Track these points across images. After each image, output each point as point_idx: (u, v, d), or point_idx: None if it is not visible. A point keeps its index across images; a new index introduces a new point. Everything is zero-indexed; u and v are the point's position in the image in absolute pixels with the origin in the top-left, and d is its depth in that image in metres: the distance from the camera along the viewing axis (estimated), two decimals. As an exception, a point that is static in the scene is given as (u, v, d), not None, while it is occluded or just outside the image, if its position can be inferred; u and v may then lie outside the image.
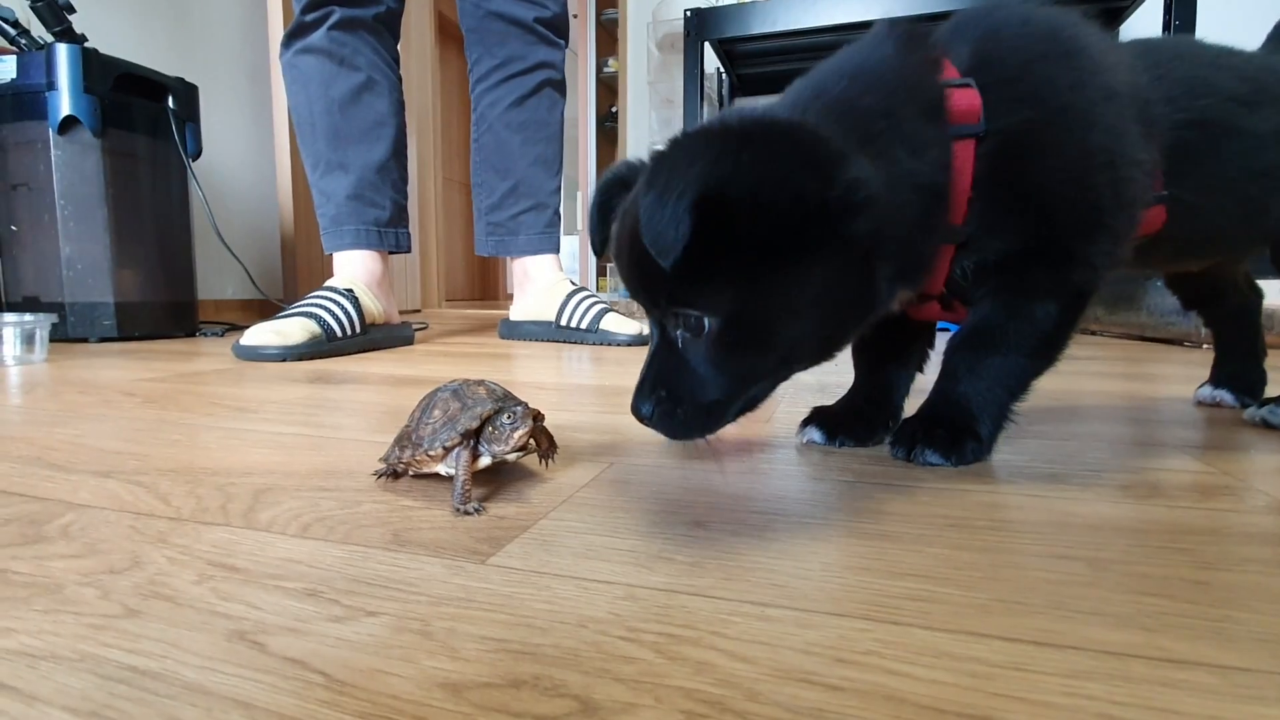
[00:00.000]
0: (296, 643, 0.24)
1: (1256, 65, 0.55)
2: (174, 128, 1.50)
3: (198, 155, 1.57)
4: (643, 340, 1.39)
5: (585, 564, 0.31)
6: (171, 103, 1.50)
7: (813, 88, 0.43)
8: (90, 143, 1.36)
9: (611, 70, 3.55)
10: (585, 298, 1.46)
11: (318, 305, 1.20)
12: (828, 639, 0.25)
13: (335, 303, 1.22)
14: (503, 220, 1.50)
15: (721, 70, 2.24)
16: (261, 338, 1.11)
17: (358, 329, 1.25)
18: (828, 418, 0.55)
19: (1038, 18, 0.46)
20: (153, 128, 1.47)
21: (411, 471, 0.43)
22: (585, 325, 1.43)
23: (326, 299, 1.22)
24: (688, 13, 1.77)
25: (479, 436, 0.40)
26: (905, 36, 0.44)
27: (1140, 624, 0.26)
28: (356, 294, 1.27)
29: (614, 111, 3.35)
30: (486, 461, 0.41)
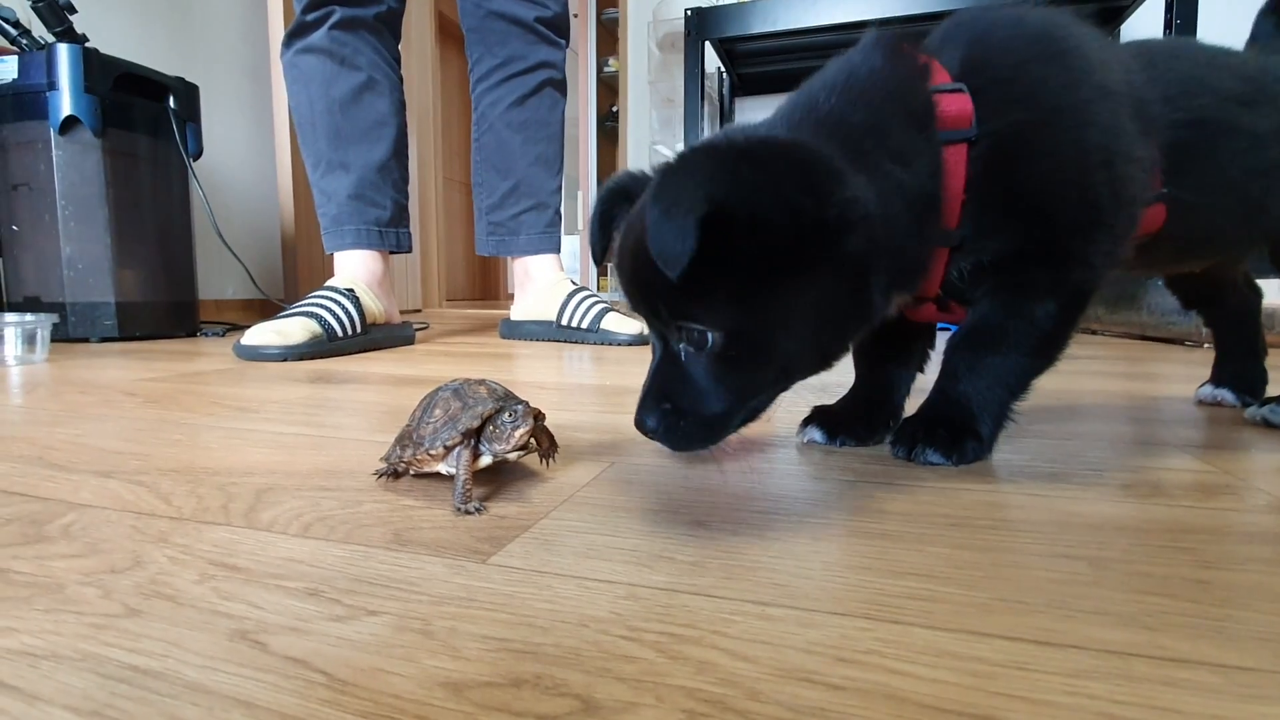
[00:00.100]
0: (298, 642, 0.25)
1: (1255, 65, 0.55)
2: (175, 127, 1.50)
3: (198, 155, 1.57)
4: (643, 340, 1.39)
5: (586, 563, 0.31)
6: (172, 102, 1.50)
7: (805, 104, 0.43)
8: (91, 143, 1.37)
9: (612, 70, 3.55)
10: (586, 297, 1.46)
11: (319, 305, 1.20)
12: (829, 638, 0.25)
13: (336, 302, 1.22)
14: (503, 220, 1.50)
15: (722, 69, 2.24)
16: (262, 337, 1.11)
17: (359, 329, 1.25)
18: (828, 417, 0.55)
19: (1030, 19, 0.46)
20: (153, 128, 1.47)
21: (412, 471, 0.43)
22: (586, 325, 1.43)
23: (327, 299, 1.22)
24: (688, 12, 1.77)
25: (480, 435, 0.41)
26: (894, 45, 0.44)
27: (1142, 623, 0.26)
28: (357, 294, 1.27)
29: (614, 111, 3.35)
30: (487, 461, 0.41)
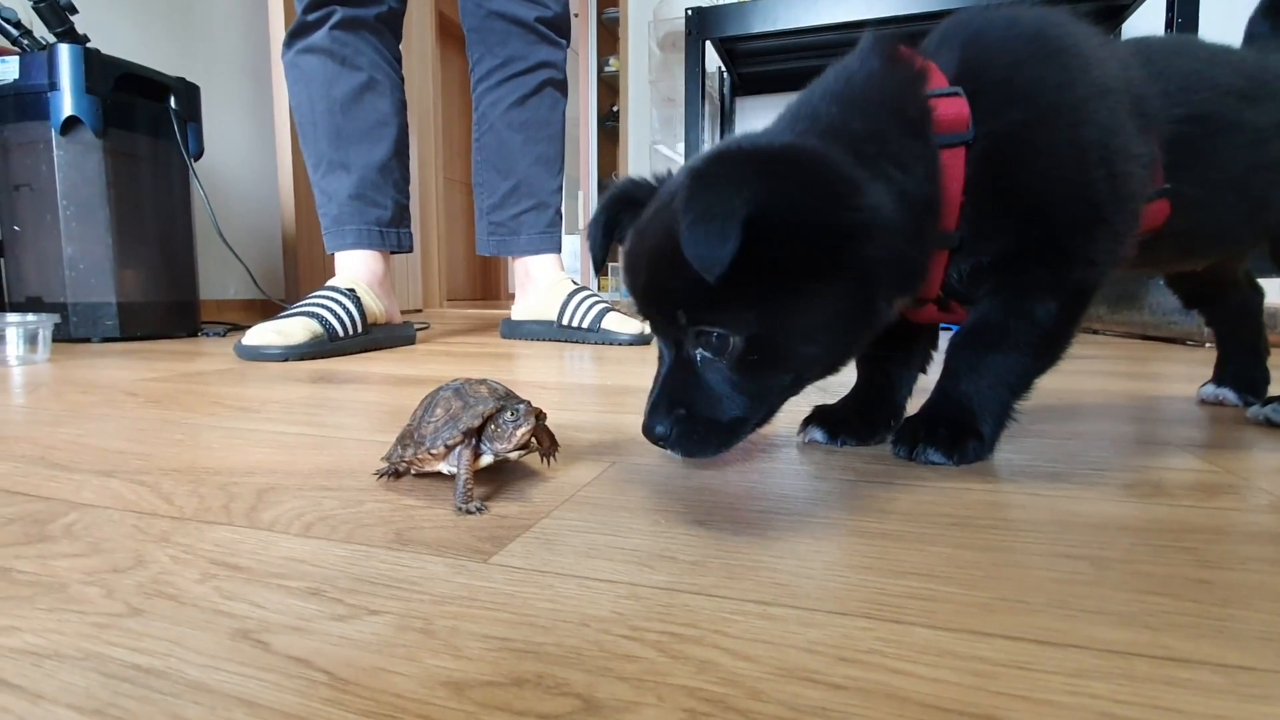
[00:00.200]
0: (300, 641, 0.25)
1: (1255, 61, 0.55)
2: (176, 128, 1.50)
3: (199, 155, 1.57)
4: (644, 339, 1.39)
5: (587, 563, 0.31)
6: (173, 103, 1.50)
7: (808, 113, 0.44)
8: (92, 143, 1.37)
9: (613, 69, 3.55)
10: (587, 297, 1.46)
11: (319, 305, 1.20)
12: (830, 637, 0.25)
13: (337, 302, 1.22)
14: (504, 220, 1.50)
15: (723, 69, 2.24)
16: (263, 337, 1.11)
17: (359, 329, 1.25)
18: (829, 417, 0.55)
19: (1024, 19, 0.46)
20: (154, 128, 1.47)
21: (414, 470, 0.43)
22: (587, 324, 1.43)
23: (328, 299, 1.22)
24: (689, 11, 1.77)
25: (481, 435, 0.41)
26: (891, 50, 0.44)
27: (1144, 623, 0.26)
28: (358, 294, 1.27)
29: (615, 111, 3.35)
30: (488, 460, 0.41)
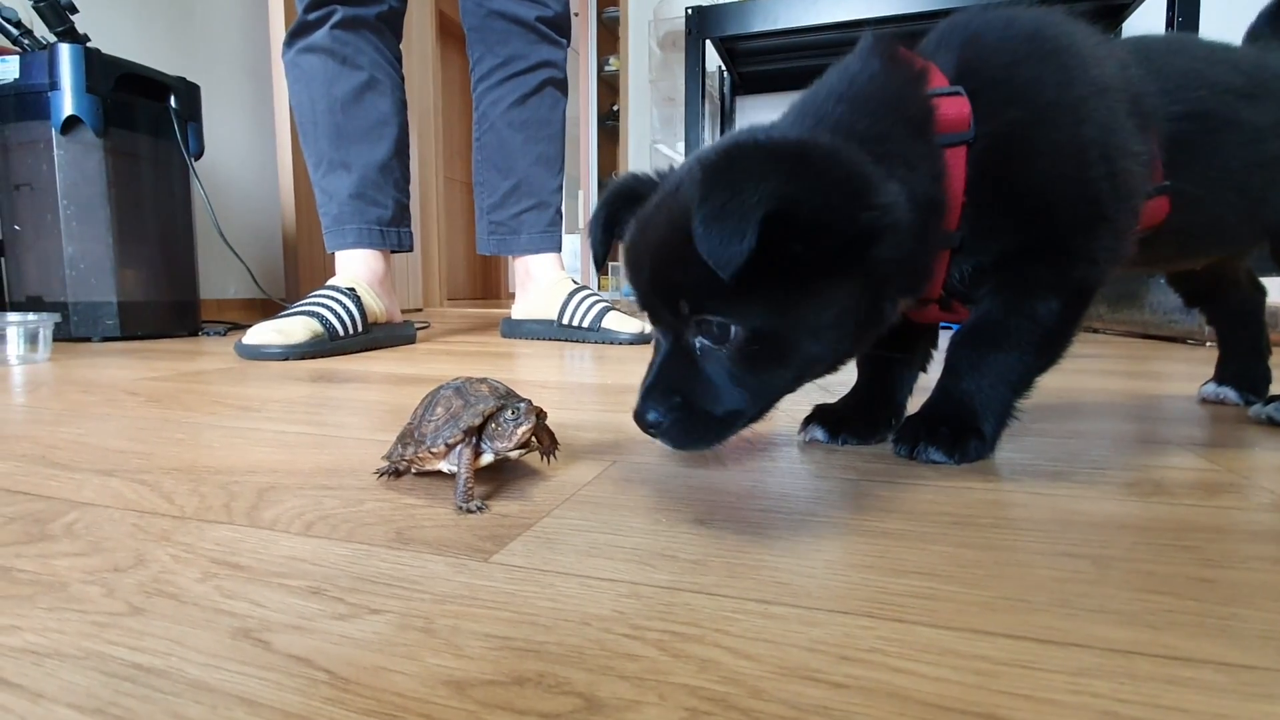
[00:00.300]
0: (301, 640, 0.25)
1: (1254, 60, 0.55)
2: (176, 127, 1.50)
3: (200, 155, 1.57)
4: (645, 339, 1.39)
5: (588, 562, 0.31)
6: (173, 102, 1.50)
7: (814, 111, 0.43)
8: (93, 142, 1.37)
9: (613, 69, 3.54)
10: (587, 296, 1.46)
11: (320, 304, 1.20)
12: (832, 636, 0.25)
13: (337, 301, 1.22)
14: (505, 219, 1.50)
15: (723, 68, 2.23)
16: (264, 337, 1.11)
17: (360, 328, 1.25)
18: (830, 416, 0.55)
19: (1021, 19, 0.46)
20: (155, 127, 1.47)
21: (414, 469, 0.43)
22: (587, 324, 1.43)
23: (329, 298, 1.22)
24: (689, 11, 1.77)
25: (482, 433, 0.41)
26: (891, 50, 0.44)
27: (1146, 621, 0.26)
28: (359, 293, 1.27)
29: (615, 110, 3.35)
30: (489, 459, 0.41)
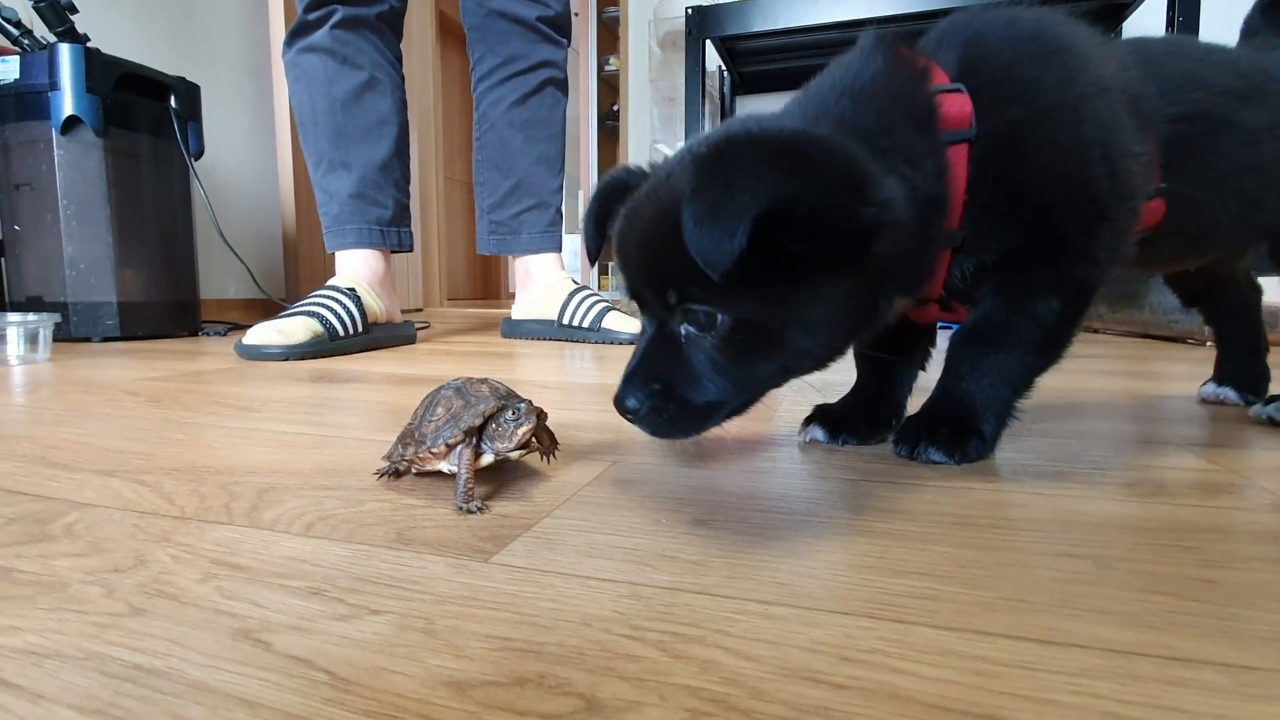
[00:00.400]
0: (301, 641, 0.25)
1: (1250, 62, 0.55)
2: (176, 127, 1.50)
3: (200, 155, 1.57)
4: (645, 339, 1.39)
5: (589, 562, 0.31)
6: (173, 102, 1.50)
7: (816, 105, 0.43)
8: (93, 142, 1.37)
9: (613, 68, 3.54)
10: (587, 296, 1.46)
11: (320, 304, 1.20)
12: (832, 637, 0.25)
13: (337, 302, 1.22)
14: (505, 219, 1.50)
15: (723, 68, 2.23)
16: (264, 337, 1.11)
17: (360, 328, 1.25)
18: (830, 416, 0.55)
19: (1022, 19, 0.46)
20: (155, 127, 1.47)
21: (414, 469, 0.43)
22: (587, 324, 1.43)
23: (329, 298, 1.22)
24: (689, 10, 1.77)
25: (482, 434, 0.40)
26: (894, 47, 0.44)
27: (1146, 622, 0.26)
28: (359, 293, 1.27)
29: (615, 110, 3.35)
30: (489, 459, 0.41)
